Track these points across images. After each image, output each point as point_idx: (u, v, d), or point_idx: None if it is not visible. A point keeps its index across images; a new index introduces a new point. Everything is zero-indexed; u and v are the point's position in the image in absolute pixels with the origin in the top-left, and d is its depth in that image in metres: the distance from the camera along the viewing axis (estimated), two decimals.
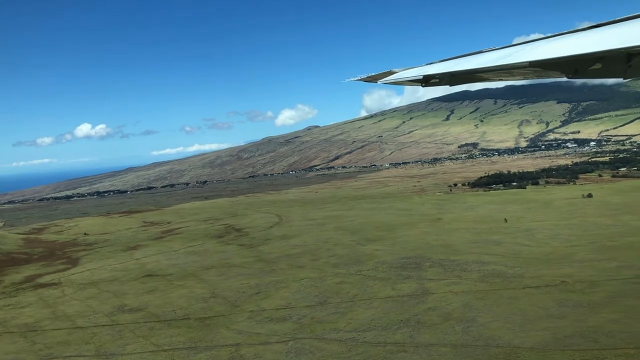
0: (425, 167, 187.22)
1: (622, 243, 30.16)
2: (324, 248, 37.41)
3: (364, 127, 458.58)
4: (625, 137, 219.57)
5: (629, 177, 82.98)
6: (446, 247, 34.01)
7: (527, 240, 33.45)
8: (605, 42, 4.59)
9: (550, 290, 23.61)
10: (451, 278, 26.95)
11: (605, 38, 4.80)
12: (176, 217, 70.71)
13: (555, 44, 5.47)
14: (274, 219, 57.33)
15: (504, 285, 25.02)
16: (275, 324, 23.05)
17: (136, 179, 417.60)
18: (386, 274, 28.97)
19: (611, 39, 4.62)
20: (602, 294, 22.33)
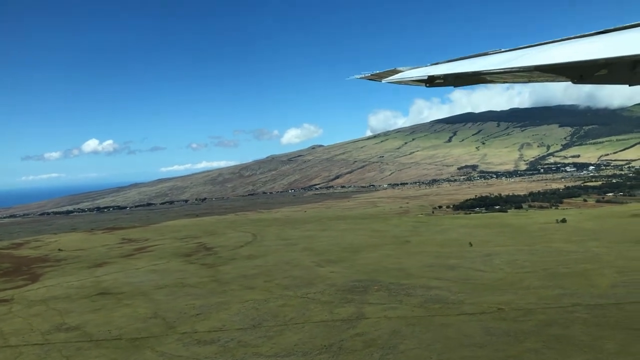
0: (422, 189, 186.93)
1: (575, 270, 29.64)
2: (283, 269, 36.96)
3: (366, 147, 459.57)
4: (624, 161, 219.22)
5: (613, 203, 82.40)
6: (401, 271, 33.52)
7: (483, 265, 32.95)
8: (612, 48, 4.61)
9: (484, 317, 23.07)
10: (392, 303, 26.44)
11: (611, 44, 4.83)
12: (156, 234, 70.46)
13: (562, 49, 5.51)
14: (248, 238, 57.00)
15: (441, 311, 24.48)
16: (200, 347, 22.56)
17: (138, 196, 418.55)
18: (331, 298, 28.48)
19: (617, 45, 4.66)
20: (533, 322, 21.77)
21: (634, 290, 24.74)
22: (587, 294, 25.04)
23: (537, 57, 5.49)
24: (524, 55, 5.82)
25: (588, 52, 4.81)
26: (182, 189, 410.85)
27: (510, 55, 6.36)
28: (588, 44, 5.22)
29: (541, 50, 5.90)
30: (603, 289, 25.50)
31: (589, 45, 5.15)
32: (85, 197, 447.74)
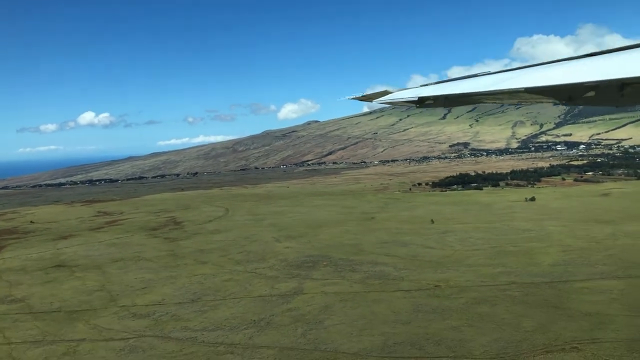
0: (410, 166, 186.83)
1: (522, 248, 29.74)
2: (240, 244, 36.97)
3: (361, 123, 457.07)
4: (615, 141, 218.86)
5: (589, 182, 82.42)
6: (355, 247, 33.58)
7: (435, 242, 33.01)
8: (600, 71, 4.73)
9: (418, 294, 23.18)
10: (334, 278, 26.53)
11: (599, 67, 4.93)
12: (132, 208, 70.37)
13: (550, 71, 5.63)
14: (220, 213, 56.97)
15: (379, 287, 24.59)
16: (133, 320, 22.63)
17: (131, 169, 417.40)
18: (277, 273, 28.56)
19: (606, 68, 4.77)
20: (464, 300, 21.89)
21: (572, 269, 24.84)
22: (526, 272, 25.14)
23: (526, 79, 5.62)
24: (513, 78, 5.93)
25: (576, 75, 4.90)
26: (175, 163, 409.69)
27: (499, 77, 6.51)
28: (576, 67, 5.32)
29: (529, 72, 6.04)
30: (542, 268, 25.60)
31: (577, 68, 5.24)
32: (79, 170, 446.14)
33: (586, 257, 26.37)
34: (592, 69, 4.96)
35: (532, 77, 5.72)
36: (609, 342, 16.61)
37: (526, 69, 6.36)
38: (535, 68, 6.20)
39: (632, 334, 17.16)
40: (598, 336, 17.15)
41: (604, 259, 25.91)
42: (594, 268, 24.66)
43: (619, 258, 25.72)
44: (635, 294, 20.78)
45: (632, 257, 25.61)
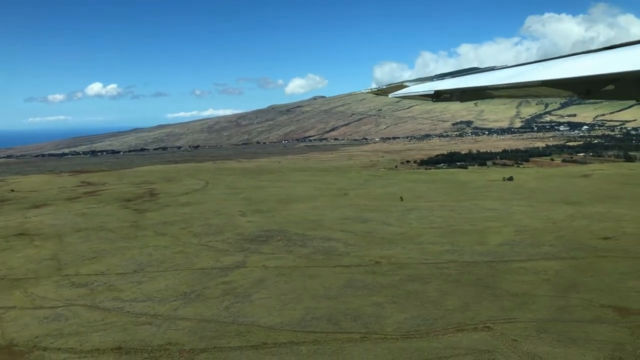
0: (410, 143, 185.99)
1: (478, 227, 29.52)
2: (205, 217, 36.98)
3: (366, 99, 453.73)
4: (619, 122, 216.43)
5: (577, 163, 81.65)
6: (316, 222, 33.47)
7: (395, 220, 32.83)
8: (619, 64, 4.60)
9: (356, 270, 23.07)
10: (281, 253, 26.46)
11: (619, 60, 4.81)
12: (116, 179, 70.53)
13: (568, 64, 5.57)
14: (199, 186, 57.01)
15: (321, 262, 24.51)
16: (69, 289, 22.69)
17: (134, 141, 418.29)
18: (228, 246, 28.52)
19: (625, 61, 4.65)
20: (398, 277, 21.77)
21: (518, 250, 24.63)
22: (471, 251, 24.95)
23: (544, 72, 5.53)
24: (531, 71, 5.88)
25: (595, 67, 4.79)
26: (179, 135, 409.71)
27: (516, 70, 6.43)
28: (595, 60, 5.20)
29: (547, 65, 5.94)
30: (489, 247, 25.41)
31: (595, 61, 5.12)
32: (84, 140, 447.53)
33: (536, 238, 26.14)
34: (611, 61, 4.83)
35: (549, 70, 5.64)
36: (523, 322, 16.46)
37: (543, 62, 6.29)
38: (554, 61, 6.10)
39: (549, 315, 17.01)
40: (515, 316, 17.00)
41: (554, 239, 25.68)
42: (539, 249, 24.44)
43: (569, 239, 25.48)
44: (569, 275, 20.58)
45: (581, 238, 25.37)
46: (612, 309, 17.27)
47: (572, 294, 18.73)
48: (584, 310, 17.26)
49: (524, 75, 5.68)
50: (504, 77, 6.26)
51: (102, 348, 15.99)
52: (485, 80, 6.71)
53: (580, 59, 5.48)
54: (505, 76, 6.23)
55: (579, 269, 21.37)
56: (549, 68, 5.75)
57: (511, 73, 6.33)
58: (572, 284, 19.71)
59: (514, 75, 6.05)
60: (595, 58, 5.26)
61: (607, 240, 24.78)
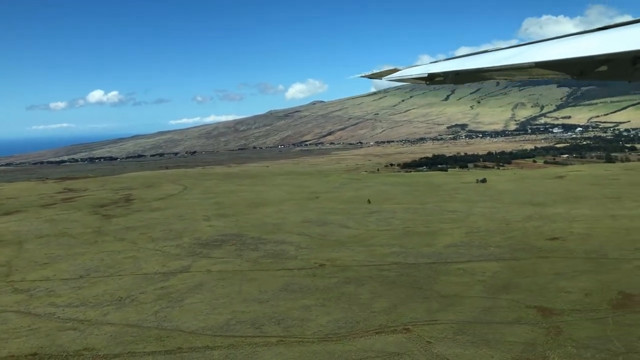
0: (403, 147, 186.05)
1: (432, 229, 29.45)
2: (168, 222, 36.91)
3: (364, 104, 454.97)
4: (612, 123, 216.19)
5: (558, 164, 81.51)
6: (276, 226, 33.41)
7: (354, 222, 32.78)
8: (612, 44, 4.65)
9: (298, 273, 23.01)
10: (230, 257, 26.40)
11: (612, 41, 4.84)
12: (100, 185, 70.61)
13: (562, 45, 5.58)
14: (175, 191, 57.01)
15: (266, 266, 24.43)
16: (9, 295, 22.61)
17: (133, 147, 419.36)
18: (181, 251, 28.47)
19: (618, 41, 4.68)
20: (336, 279, 21.70)
21: (463, 251, 24.55)
22: (416, 253, 24.86)
23: (537, 54, 5.56)
24: (524, 53, 5.88)
25: (588, 48, 4.80)
26: (177, 141, 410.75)
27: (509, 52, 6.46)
28: (588, 41, 5.22)
29: (541, 47, 5.98)
30: (436, 249, 25.32)
31: (588, 42, 5.14)
32: (84, 148, 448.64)
33: (485, 239, 26.06)
34: (604, 42, 4.86)
35: (542, 51, 5.65)
36: (444, 324, 16.38)
37: (537, 44, 6.31)
38: (546, 43, 6.11)
39: (472, 316, 16.92)
40: (437, 318, 16.92)
41: (502, 240, 25.61)
42: (485, 250, 24.37)
43: (517, 240, 25.41)
44: (505, 276, 20.51)
45: (529, 239, 25.31)
46: (537, 310, 17.18)
47: (501, 295, 18.64)
48: (508, 312, 17.16)
49: (518, 57, 5.68)
50: (497, 59, 6.28)
51: (17, 355, 15.89)
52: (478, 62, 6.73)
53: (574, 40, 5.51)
54: (499, 58, 6.25)
55: (517, 270, 21.29)
56: (543, 49, 5.78)
57: (505, 55, 6.35)
58: (505, 285, 19.62)
59: (507, 57, 6.06)
60: (588, 39, 5.30)
61: (553, 241, 24.72)
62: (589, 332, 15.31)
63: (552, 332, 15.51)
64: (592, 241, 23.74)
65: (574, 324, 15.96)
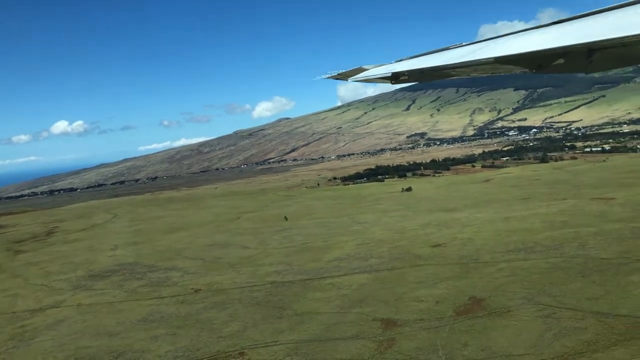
0: (361, 159, 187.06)
1: (328, 244, 29.07)
2: (74, 255, 35.84)
3: (327, 118, 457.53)
4: (566, 123, 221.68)
5: (495, 168, 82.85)
6: (177, 251, 32.67)
7: (256, 242, 32.25)
8: (567, 37, 4.77)
9: (167, 301, 22.24)
10: (110, 288, 25.53)
11: (567, 34, 4.97)
12: (32, 219, 68.58)
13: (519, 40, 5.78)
14: (103, 221, 55.63)
15: (141, 296, 23.60)
16: None
17: (95, 177, 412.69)
18: (66, 284, 27.55)
19: (573, 34, 4.81)
20: (202, 304, 21.03)
21: (344, 264, 24.20)
22: (299, 270, 24.40)
23: (496, 49, 5.68)
24: (483, 48, 6.04)
25: (544, 42, 4.95)
26: (140, 168, 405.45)
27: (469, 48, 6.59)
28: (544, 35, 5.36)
29: (499, 42, 6.13)
30: (320, 263, 24.92)
31: (545, 36, 5.30)
32: (47, 180, 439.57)
33: (372, 250, 25.76)
34: (560, 35, 5.01)
35: (502, 47, 5.75)
36: (282, 345, 15.89)
37: (496, 39, 6.46)
38: (506, 37, 6.25)
39: (315, 334, 16.46)
40: (279, 339, 16.43)
41: (387, 250, 25.36)
42: (365, 262, 24.04)
43: (401, 250, 25.17)
44: (369, 288, 20.16)
45: (414, 248, 25.08)
46: (381, 322, 16.82)
47: (355, 309, 18.23)
48: (352, 326, 16.74)
49: (477, 53, 5.80)
50: (458, 55, 6.38)
51: None
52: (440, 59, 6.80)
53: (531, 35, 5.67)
54: (460, 54, 6.36)
55: (384, 281, 20.97)
56: (501, 45, 5.88)
57: (465, 51, 6.47)
58: (363, 298, 19.23)
59: (468, 53, 6.16)
60: (544, 33, 5.44)
61: (436, 248, 24.57)
62: (419, 342, 14.96)
63: (384, 345, 15.13)
64: (471, 246, 23.63)
65: (410, 334, 15.61)
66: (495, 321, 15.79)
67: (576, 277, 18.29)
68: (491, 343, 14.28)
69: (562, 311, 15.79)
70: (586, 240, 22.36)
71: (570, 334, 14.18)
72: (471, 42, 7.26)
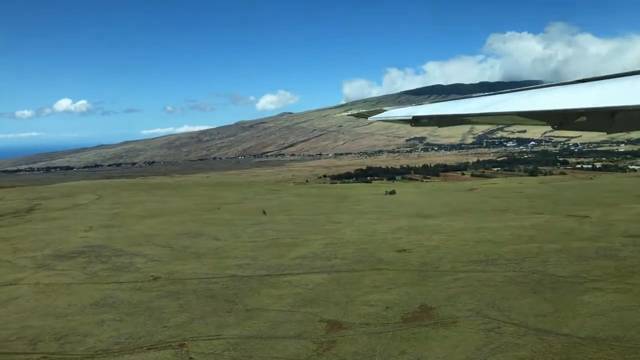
0: (356, 159, 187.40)
1: (297, 241, 28.97)
2: (48, 233, 35.75)
3: (329, 116, 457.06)
4: (565, 138, 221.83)
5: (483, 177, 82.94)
6: (148, 237, 32.60)
7: (228, 234, 32.17)
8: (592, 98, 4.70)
9: (125, 287, 22.12)
10: (73, 269, 25.44)
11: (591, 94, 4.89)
12: (18, 195, 68.37)
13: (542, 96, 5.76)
14: (86, 201, 55.59)
15: (100, 279, 23.48)
16: None
17: (94, 157, 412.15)
18: (31, 262, 27.44)
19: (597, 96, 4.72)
20: (157, 293, 20.96)
21: (306, 262, 24.11)
22: (262, 265, 24.31)
23: (519, 103, 5.84)
24: (506, 101, 6.09)
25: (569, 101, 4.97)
26: (138, 151, 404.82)
27: (492, 99, 6.63)
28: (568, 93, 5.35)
29: (523, 96, 6.17)
30: (283, 260, 24.83)
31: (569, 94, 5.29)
32: (45, 157, 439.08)
33: (338, 250, 25.69)
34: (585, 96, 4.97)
35: (525, 101, 5.86)
36: (223, 339, 15.84)
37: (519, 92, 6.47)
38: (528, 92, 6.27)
39: (258, 331, 16.39)
40: (222, 333, 16.35)
41: (353, 252, 25.30)
42: (328, 261, 23.96)
43: (367, 252, 25.12)
44: (323, 289, 20.08)
45: (379, 251, 25.00)
46: (327, 324, 16.72)
47: (304, 308, 18.12)
48: (297, 326, 16.64)
49: (499, 105, 5.91)
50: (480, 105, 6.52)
51: None
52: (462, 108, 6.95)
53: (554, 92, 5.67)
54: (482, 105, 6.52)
55: (341, 282, 20.86)
56: (525, 99, 6.00)
57: (488, 102, 6.61)
58: (316, 298, 19.14)
59: (490, 104, 6.29)
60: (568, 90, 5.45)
61: (400, 253, 24.49)
62: (359, 347, 14.87)
63: (323, 346, 15.03)
64: (435, 253, 23.53)
65: (352, 338, 15.51)
66: (439, 331, 15.70)
67: (528, 293, 18.20)
68: (428, 353, 14.19)
69: (506, 326, 15.69)
70: (548, 256, 22.27)
71: (507, 349, 14.09)
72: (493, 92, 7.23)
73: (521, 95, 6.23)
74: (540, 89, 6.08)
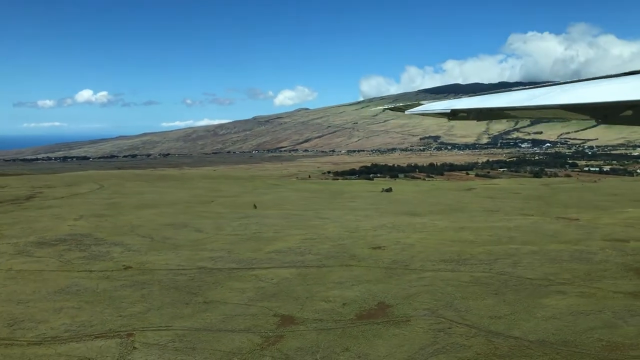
0: (369, 156, 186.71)
1: (279, 235, 28.86)
2: (39, 221, 36.23)
3: (345, 112, 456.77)
4: (581, 140, 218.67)
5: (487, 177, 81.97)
6: (134, 227, 32.75)
7: (213, 227, 32.18)
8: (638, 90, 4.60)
9: (93, 275, 22.20)
10: (51, 257, 25.65)
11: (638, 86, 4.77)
12: (23, 182, 69.62)
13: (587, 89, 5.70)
14: (87, 190, 56.13)
15: (73, 267, 23.61)
16: None
17: (110, 148, 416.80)
18: (12, 248, 27.66)
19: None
20: (124, 282, 20.96)
21: (279, 257, 23.99)
22: (235, 258, 24.26)
23: (562, 96, 5.64)
24: (549, 94, 5.98)
25: (614, 93, 4.85)
26: (155, 143, 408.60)
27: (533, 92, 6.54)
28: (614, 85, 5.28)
29: (565, 89, 6.04)
30: (258, 254, 24.78)
31: (615, 87, 5.21)
32: (64, 147, 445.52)
33: (314, 246, 25.58)
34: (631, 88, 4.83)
35: (568, 94, 5.72)
36: (172, 331, 15.82)
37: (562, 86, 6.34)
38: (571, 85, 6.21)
39: (209, 323, 16.30)
40: (173, 324, 16.28)
41: (328, 248, 25.18)
42: (301, 256, 23.86)
43: (341, 248, 24.95)
44: (286, 284, 19.98)
45: (354, 248, 24.86)
46: (280, 318, 16.58)
47: (262, 303, 18.00)
48: (249, 319, 16.51)
49: (542, 98, 5.76)
50: (521, 98, 6.42)
51: None
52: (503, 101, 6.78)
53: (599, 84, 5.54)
54: (523, 98, 6.42)
55: (306, 277, 20.71)
56: (568, 92, 5.84)
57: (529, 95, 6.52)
58: (277, 292, 19.00)
59: (531, 97, 6.17)
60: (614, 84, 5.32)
61: (375, 250, 24.29)
62: (304, 342, 14.70)
63: (269, 341, 14.89)
64: (409, 251, 23.28)
65: (301, 334, 15.34)
66: (389, 329, 15.47)
67: (490, 294, 17.86)
68: (371, 351, 13.96)
69: (458, 327, 15.40)
70: (521, 258, 21.87)
71: (451, 350, 13.82)
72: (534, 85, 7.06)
73: (564, 89, 6.05)
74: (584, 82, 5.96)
